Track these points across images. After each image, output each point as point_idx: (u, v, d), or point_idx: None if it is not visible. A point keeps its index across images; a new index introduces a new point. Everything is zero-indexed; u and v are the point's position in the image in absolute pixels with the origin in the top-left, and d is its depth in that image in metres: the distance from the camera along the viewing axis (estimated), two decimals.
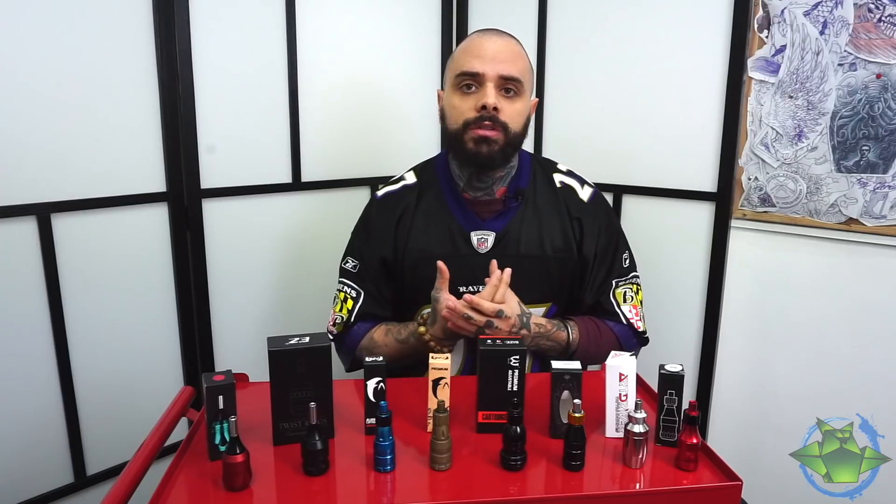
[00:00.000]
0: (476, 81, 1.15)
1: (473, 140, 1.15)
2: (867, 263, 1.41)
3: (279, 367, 0.88)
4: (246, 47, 1.49)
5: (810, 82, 1.41)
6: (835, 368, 1.47)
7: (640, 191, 1.68)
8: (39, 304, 1.26)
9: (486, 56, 1.14)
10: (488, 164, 1.18)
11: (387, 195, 1.29)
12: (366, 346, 1.24)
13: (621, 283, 1.27)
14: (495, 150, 1.15)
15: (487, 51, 1.15)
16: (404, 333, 1.21)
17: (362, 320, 1.25)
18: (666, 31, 1.58)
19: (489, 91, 1.13)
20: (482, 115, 1.14)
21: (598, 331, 1.24)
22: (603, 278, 1.26)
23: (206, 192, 1.46)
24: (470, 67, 1.14)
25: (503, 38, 1.18)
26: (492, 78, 1.14)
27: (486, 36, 1.18)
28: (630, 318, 1.25)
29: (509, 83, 1.15)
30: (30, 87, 1.20)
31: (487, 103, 1.13)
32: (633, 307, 1.27)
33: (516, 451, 0.84)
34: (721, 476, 0.84)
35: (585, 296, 1.26)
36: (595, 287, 1.26)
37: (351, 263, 1.27)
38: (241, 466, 0.80)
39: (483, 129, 1.14)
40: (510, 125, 1.16)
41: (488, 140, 1.14)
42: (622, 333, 1.25)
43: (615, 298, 1.26)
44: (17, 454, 1.26)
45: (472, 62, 1.15)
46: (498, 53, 1.15)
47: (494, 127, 1.14)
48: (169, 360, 1.49)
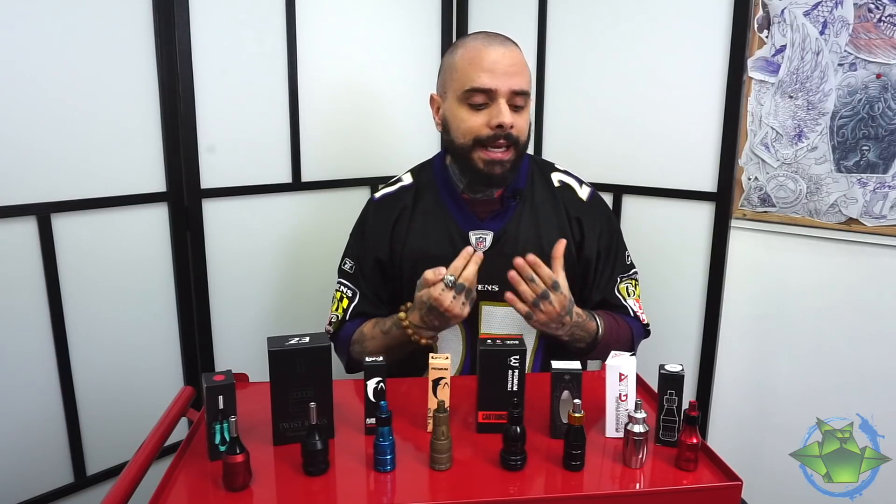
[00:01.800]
0: (487, 97, 1.12)
1: (485, 161, 1.14)
2: (867, 263, 1.41)
3: (279, 367, 0.88)
4: (246, 48, 1.49)
5: (810, 82, 1.41)
6: (835, 368, 1.47)
7: (640, 191, 1.68)
8: (39, 305, 1.26)
9: (497, 70, 1.11)
10: (500, 183, 1.18)
11: (383, 197, 1.29)
12: (356, 339, 1.24)
13: (624, 278, 1.29)
14: (507, 168, 1.15)
15: (498, 64, 1.11)
16: (388, 324, 1.20)
17: (356, 319, 1.26)
18: (666, 31, 1.58)
19: (503, 109, 1.11)
20: (497, 134, 1.12)
21: (617, 323, 1.24)
22: (609, 276, 1.27)
23: (206, 192, 1.46)
24: (481, 84, 1.11)
25: (508, 48, 1.15)
26: (504, 94, 1.11)
27: (491, 46, 1.13)
28: (636, 311, 1.28)
29: (519, 97, 1.13)
30: (30, 88, 1.20)
31: (504, 123, 1.10)
32: (636, 301, 1.29)
33: (516, 451, 0.84)
34: (721, 476, 0.84)
35: (592, 294, 1.27)
36: (602, 285, 1.27)
37: (348, 264, 1.28)
38: (241, 466, 0.80)
39: (497, 153, 1.13)
40: (520, 139, 1.16)
41: (501, 162, 1.14)
42: (634, 326, 1.27)
43: (620, 293, 1.27)
44: (17, 454, 1.26)
45: (482, 78, 1.11)
46: (508, 67, 1.11)
47: (507, 146, 1.14)
48: (169, 360, 1.49)
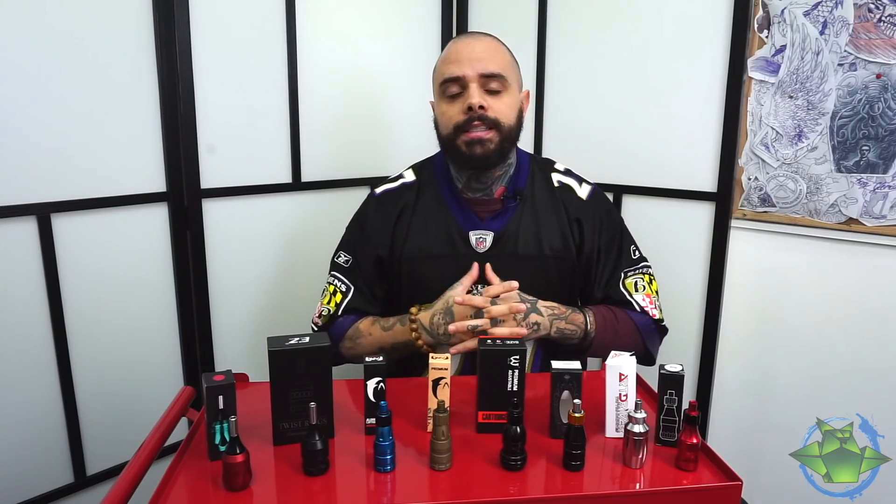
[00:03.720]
0: (459, 85, 1.16)
1: (466, 143, 1.15)
2: (867, 263, 1.41)
3: (279, 367, 0.88)
4: (246, 47, 1.49)
5: (810, 82, 1.41)
6: (835, 368, 1.47)
7: (640, 191, 1.68)
8: (39, 304, 1.26)
9: (464, 59, 1.15)
10: (485, 164, 1.18)
11: (385, 193, 1.29)
12: (350, 335, 1.23)
13: (630, 272, 1.26)
14: (490, 149, 1.15)
15: (463, 53, 1.16)
16: (391, 321, 1.20)
17: (349, 314, 1.25)
18: (666, 30, 1.58)
19: (473, 91, 1.14)
20: (471, 117, 1.14)
21: (615, 317, 1.22)
22: (611, 272, 1.25)
23: (206, 192, 1.46)
24: (450, 73, 1.16)
25: (478, 38, 1.19)
26: (473, 78, 1.14)
27: (461, 40, 1.19)
28: (644, 306, 1.23)
29: (492, 80, 1.15)
30: (30, 88, 1.20)
31: (472, 103, 1.13)
32: (647, 296, 1.25)
33: (516, 451, 0.84)
34: (721, 476, 0.84)
35: (595, 290, 1.25)
36: (604, 281, 1.25)
37: (343, 258, 1.27)
38: (241, 466, 0.80)
39: (475, 132, 1.14)
40: (502, 120, 1.16)
41: (482, 141, 1.14)
42: (640, 321, 1.23)
43: (625, 288, 1.24)
44: (17, 454, 1.26)
45: (450, 67, 1.16)
46: (474, 53, 1.15)
47: (486, 127, 1.14)
48: (169, 360, 1.49)
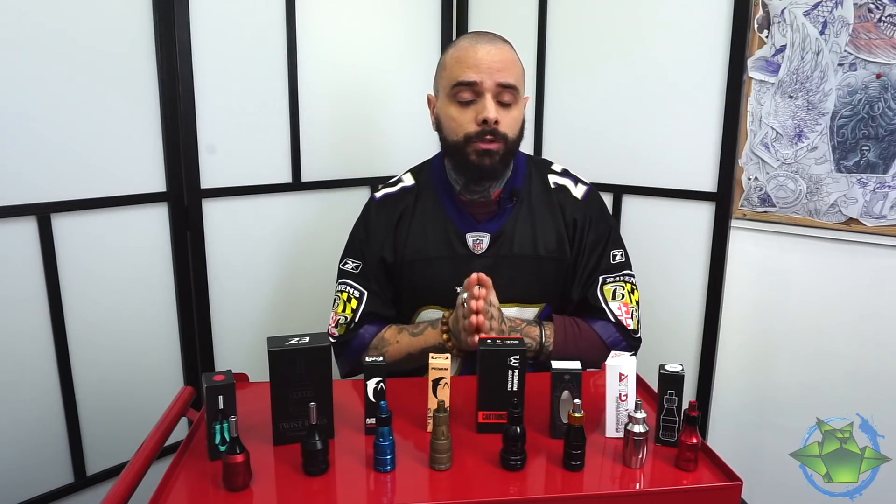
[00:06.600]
0: (473, 91, 1.13)
1: (476, 153, 1.15)
2: (867, 263, 1.41)
3: (279, 367, 0.88)
4: (246, 47, 1.49)
5: (810, 82, 1.41)
6: (835, 368, 1.47)
7: (640, 191, 1.68)
8: (39, 305, 1.26)
9: (482, 65, 1.12)
10: (491, 174, 1.18)
11: (385, 197, 1.29)
12: (375, 345, 1.22)
13: (610, 279, 1.23)
14: (497, 160, 1.15)
15: (482, 59, 1.12)
16: (421, 326, 1.20)
17: (368, 321, 1.23)
18: (666, 30, 1.58)
19: (489, 105, 1.12)
20: (483, 130, 1.13)
21: (578, 330, 1.20)
22: (590, 272, 1.23)
23: (206, 192, 1.46)
24: (466, 77, 1.12)
25: (496, 45, 1.15)
26: (490, 88, 1.12)
27: (479, 43, 1.15)
28: (619, 316, 1.20)
29: (506, 92, 1.14)
30: (30, 88, 1.20)
31: (489, 118, 1.12)
32: (624, 304, 1.21)
33: (516, 451, 0.84)
34: (721, 476, 0.84)
35: (573, 290, 1.24)
36: (582, 281, 1.23)
37: (352, 264, 1.26)
38: (241, 466, 0.80)
39: (485, 144, 1.14)
40: (509, 134, 1.16)
41: (490, 153, 1.14)
42: (607, 333, 1.20)
43: (602, 295, 1.22)
44: (17, 454, 1.26)
45: (467, 72, 1.13)
46: (494, 62, 1.12)
47: (496, 140, 1.14)
48: (169, 360, 1.49)
